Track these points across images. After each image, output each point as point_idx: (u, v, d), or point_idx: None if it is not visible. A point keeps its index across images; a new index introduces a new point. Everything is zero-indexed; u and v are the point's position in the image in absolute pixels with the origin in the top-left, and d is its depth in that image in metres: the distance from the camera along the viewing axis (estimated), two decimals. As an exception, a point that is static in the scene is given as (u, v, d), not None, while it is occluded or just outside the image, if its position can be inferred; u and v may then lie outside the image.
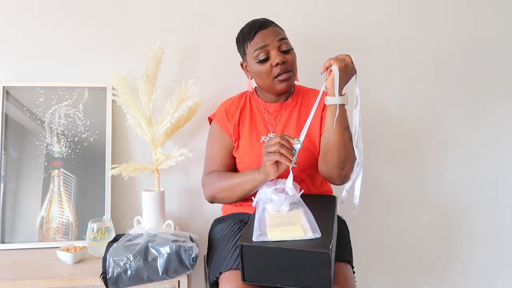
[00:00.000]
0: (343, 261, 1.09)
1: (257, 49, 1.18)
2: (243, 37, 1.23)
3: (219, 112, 1.32)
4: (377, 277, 1.73)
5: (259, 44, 1.18)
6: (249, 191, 1.15)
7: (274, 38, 1.18)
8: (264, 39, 1.18)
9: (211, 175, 1.26)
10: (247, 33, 1.21)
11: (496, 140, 1.73)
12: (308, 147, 1.23)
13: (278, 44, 1.18)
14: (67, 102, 1.49)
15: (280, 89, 1.21)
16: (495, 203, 1.75)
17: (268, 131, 1.26)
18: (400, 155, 1.69)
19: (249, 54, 1.21)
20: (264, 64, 1.18)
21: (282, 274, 0.93)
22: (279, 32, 1.20)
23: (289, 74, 1.19)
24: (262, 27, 1.19)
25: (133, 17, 1.53)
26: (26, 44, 1.49)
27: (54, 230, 1.42)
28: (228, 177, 1.20)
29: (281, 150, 1.00)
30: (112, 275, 1.11)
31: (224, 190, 1.19)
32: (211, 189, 1.23)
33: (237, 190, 1.17)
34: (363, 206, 1.67)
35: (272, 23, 1.22)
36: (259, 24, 1.20)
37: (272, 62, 1.17)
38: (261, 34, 1.18)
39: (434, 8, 1.66)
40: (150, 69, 1.38)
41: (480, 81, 1.70)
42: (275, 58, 1.16)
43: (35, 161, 1.44)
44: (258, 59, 1.18)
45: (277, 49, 1.18)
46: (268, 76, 1.19)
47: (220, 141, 1.29)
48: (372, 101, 1.65)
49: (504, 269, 1.78)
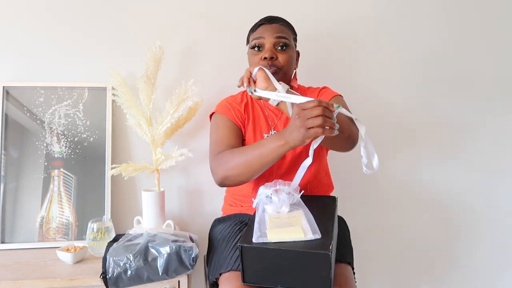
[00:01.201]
0: (343, 262, 1.09)
1: (254, 39, 1.23)
2: (251, 28, 1.29)
3: (221, 105, 1.31)
4: (377, 277, 1.73)
5: (257, 35, 1.23)
6: (273, 161, 1.02)
7: (273, 34, 1.21)
8: (263, 32, 1.22)
9: (221, 154, 1.12)
10: (255, 24, 1.27)
11: (496, 139, 1.73)
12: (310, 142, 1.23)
13: (274, 41, 1.20)
14: (67, 102, 1.49)
15: None
16: (496, 203, 1.75)
17: (269, 127, 1.27)
18: (400, 155, 1.69)
19: (249, 43, 1.27)
20: (256, 54, 1.22)
21: (282, 276, 0.93)
22: (282, 30, 1.22)
23: (275, 70, 1.18)
24: (268, 22, 1.24)
25: (133, 17, 1.53)
26: (26, 44, 1.49)
27: (54, 230, 1.42)
28: (243, 151, 1.06)
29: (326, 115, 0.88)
30: (112, 275, 1.12)
31: (240, 166, 1.05)
32: (223, 168, 1.08)
33: (255, 164, 1.03)
34: (363, 206, 1.68)
35: (280, 21, 1.25)
36: (267, 18, 1.25)
37: (262, 55, 1.21)
38: (263, 28, 1.23)
39: (433, 8, 1.66)
40: (150, 69, 1.38)
41: (480, 80, 1.70)
42: (265, 53, 1.20)
43: (35, 161, 1.44)
44: (251, 46, 1.24)
45: (272, 44, 1.21)
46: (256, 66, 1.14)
47: (226, 126, 1.23)
48: (372, 100, 1.65)
49: (505, 269, 1.78)
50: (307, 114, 0.89)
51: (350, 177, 1.65)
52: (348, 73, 1.64)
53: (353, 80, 1.64)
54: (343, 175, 1.62)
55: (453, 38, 1.68)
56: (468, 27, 1.68)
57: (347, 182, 1.65)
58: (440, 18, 1.67)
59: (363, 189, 1.68)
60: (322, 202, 1.15)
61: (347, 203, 1.58)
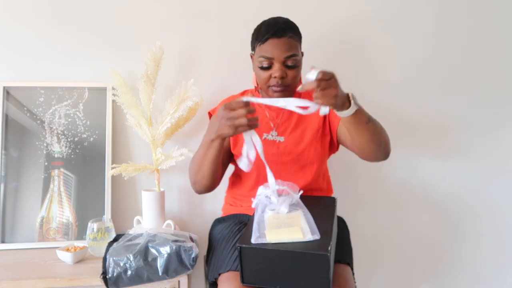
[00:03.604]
0: (342, 263, 1.09)
1: (262, 57, 1.16)
2: (257, 35, 1.19)
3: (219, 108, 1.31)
4: (377, 277, 1.73)
5: (266, 53, 1.15)
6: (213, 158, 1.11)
7: (283, 53, 1.14)
8: (272, 51, 1.14)
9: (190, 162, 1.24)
10: (262, 34, 1.17)
11: (497, 139, 1.72)
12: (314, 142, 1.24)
13: (284, 60, 1.15)
14: (67, 102, 1.49)
15: (272, 96, 1.20)
16: (497, 203, 1.74)
17: (270, 128, 1.27)
18: (400, 155, 1.69)
19: (256, 54, 1.20)
20: (265, 71, 1.17)
21: (281, 276, 0.93)
22: (291, 47, 1.15)
23: (284, 88, 1.17)
24: (276, 35, 1.14)
25: (133, 17, 1.53)
26: (26, 44, 1.49)
27: (54, 230, 1.43)
28: (195, 155, 1.18)
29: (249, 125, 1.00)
30: (112, 275, 1.12)
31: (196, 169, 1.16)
32: (190, 174, 1.21)
33: (203, 163, 1.13)
34: (363, 206, 1.68)
35: (289, 31, 1.16)
36: (275, 30, 1.15)
37: (272, 73, 1.16)
38: (272, 43, 1.15)
39: (434, 8, 1.66)
40: (150, 69, 1.38)
41: (481, 80, 1.69)
42: (276, 72, 1.15)
43: (35, 161, 1.45)
44: (261, 65, 1.17)
45: (282, 63, 1.15)
46: (264, 83, 1.19)
47: None
48: (372, 100, 1.64)
49: (505, 269, 1.78)
50: (229, 113, 1.00)
51: (350, 177, 1.65)
52: (348, 73, 1.64)
53: (353, 80, 1.64)
54: (343, 175, 1.62)
55: (453, 38, 1.67)
56: (468, 27, 1.68)
57: (347, 182, 1.65)
58: (440, 19, 1.66)
59: (363, 189, 1.68)
60: (321, 202, 1.15)
61: (347, 203, 1.58)
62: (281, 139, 1.25)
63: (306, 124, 1.26)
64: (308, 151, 1.24)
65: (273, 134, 1.26)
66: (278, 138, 1.25)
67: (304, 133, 1.25)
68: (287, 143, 1.24)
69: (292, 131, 1.25)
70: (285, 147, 1.24)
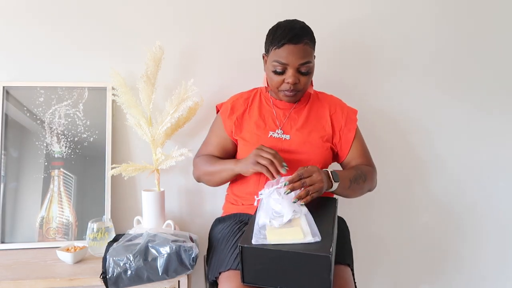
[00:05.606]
0: (343, 264, 1.09)
1: (276, 61, 1.17)
2: (272, 38, 1.19)
3: (225, 106, 1.36)
4: (377, 277, 1.73)
5: (281, 59, 1.16)
6: (226, 179, 1.28)
7: (298, 60, 1.15)
8: (287, 57, 1.15)
9: (200, 158, 1.35)
10: (277, 39, 1.16)
11: (497, 139, 1.72)
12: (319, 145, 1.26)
13: (298, 66, 1.17)
14: (67, 102, 1.49)
15: (283, 100, 1.27)
16: (497, 203, 1.75)
17: (276, 126, 1.28)
18: (400, 155, 1.69)
19: (270, 57, 1.21)
20: (278, 76, 1.19)
21: (282, 277, 0.93)
22: (305, 54, 1.16)
23: (295, 93, 1.22)
24: (293, 41, 1.14)
25: (133, 17, 1.52)
26: (26, 44, 1.48)
27: (54, 230, 1.43)
28: (212, 163, 1.30)
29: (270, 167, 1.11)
30: (112, 275, 1.12)
31: (207, 174, 1.31)
32: (197, 171, 1.36)
33: (216, 176, 1.28)
34: (364, 206, 1.68)
35: (305, 37, 1.16)
36: (291, 36, 1.14)
37: (285, 78, 1.19)
38: (288, 49, 1.15)
39: (434, 8, 1.66)
40: (150, 69, 1.38)
41: (480, 81, 1.70)
42: (289, 78, 1.17)
43: (35, 161, 1.44)
44: (274, 70, 1.19)
45: (296, 70, 1.17)
46: (276, 87, 1.22)
47: (218, 135, 1.35)
48: (372, 101, 1.65)
49: (505, 269, 1.78)
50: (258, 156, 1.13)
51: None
52: (348, 73, 1.64)
53: (353, 80, 1.64)
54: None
55: (454, 38, 1.67)
56: (468, 27, 1.68)
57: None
58: (439, 19, 1.67)
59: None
60: (322, 203, 1.15)
61: (347, 203, 1.58)
62: (287, 137, 1.27)
63: (312, 127, 1.28)
64: (313, 152, 1.25)
65: (279, 132, 1.27)
66: (284, 136, 1.27)
67: (310, 134, 1.27)
68: (292, 142, 1.26)
69: (298, 130, 1.27)
70: (290, 145, 1.25)
